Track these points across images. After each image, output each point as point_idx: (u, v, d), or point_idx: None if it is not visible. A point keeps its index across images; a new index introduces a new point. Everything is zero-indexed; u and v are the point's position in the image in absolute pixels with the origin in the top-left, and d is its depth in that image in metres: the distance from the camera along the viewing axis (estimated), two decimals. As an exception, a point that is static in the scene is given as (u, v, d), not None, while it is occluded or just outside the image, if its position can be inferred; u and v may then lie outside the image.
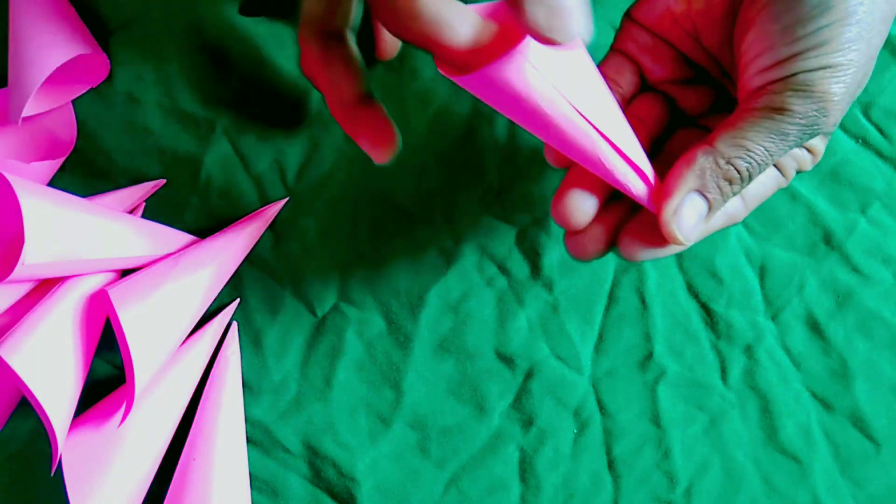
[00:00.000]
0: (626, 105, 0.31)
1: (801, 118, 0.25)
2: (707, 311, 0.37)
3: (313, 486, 0.37)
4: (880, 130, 0.37)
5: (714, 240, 0.37)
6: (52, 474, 0.34)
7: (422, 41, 0.23)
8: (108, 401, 0.35)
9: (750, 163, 0.26)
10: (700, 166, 0.26)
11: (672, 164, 0.27)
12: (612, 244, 0.28)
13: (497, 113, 0.37)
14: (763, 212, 0.37)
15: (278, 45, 0.37)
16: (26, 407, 0.37)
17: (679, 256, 0.37)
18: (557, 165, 0.29)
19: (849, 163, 0.37)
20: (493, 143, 0.37)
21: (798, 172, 0.30)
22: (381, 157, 0.29)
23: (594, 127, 0.25)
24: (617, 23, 0.35)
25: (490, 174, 0.37)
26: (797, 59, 0.25)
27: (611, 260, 0.37)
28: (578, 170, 0.28)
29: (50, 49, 0.34)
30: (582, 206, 0.28)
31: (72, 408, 0.32)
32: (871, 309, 0.37)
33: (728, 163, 0.26)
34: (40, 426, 0.37)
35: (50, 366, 0.31)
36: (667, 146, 0.31)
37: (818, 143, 0.29)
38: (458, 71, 0.24)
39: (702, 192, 0.27)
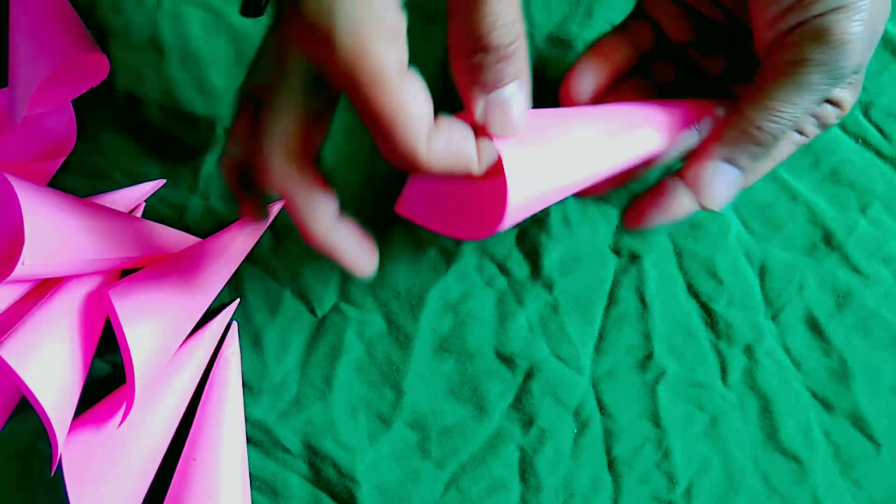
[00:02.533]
0: (643, 64, 0.32)
1: (822, 66, 0.25)
2: (707, 311, 0.37)
3: (313, 486, 0.37)
4: (880, 130, 0.37)
5: (714, 240, 0.37)
6: (52, 474, 0.34)
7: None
8: (108, 401, 0.35)
9: (779, 122, 0.26)
10: (728, 136, 0.27)
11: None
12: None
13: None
14: (763, 212, 0.37)
15: (278, 45, 0.37)
16: (26, 407, 0.37)
17: (679, 256, 0.37)
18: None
19: (849, 163, 0.37)
20: (493, 143, 0.37)
21: (824, 128, 0.29)
22: (365, 272, 0.28)
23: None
24: (617, 22, 0.35)
25: (490, 174, 0.37)
26: (807, 6, 0.25)
27: (611, 260, 0.37)
28: (592, 53, 0.31)
29: (50, 49, 0.34)
30: (585, 86, 0.31)
31: (72, 408, 0.32)
32: (871, 309, 0.37)
33: (758, 128, 0.26)
34: (40, 426, 0.37)
35: (50, 366, 0.31)
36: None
37: (844, 95, 0.28)
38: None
39: (731, 162, 0.27)
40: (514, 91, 0.24)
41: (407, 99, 0.22)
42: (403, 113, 0.22)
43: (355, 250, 0.27)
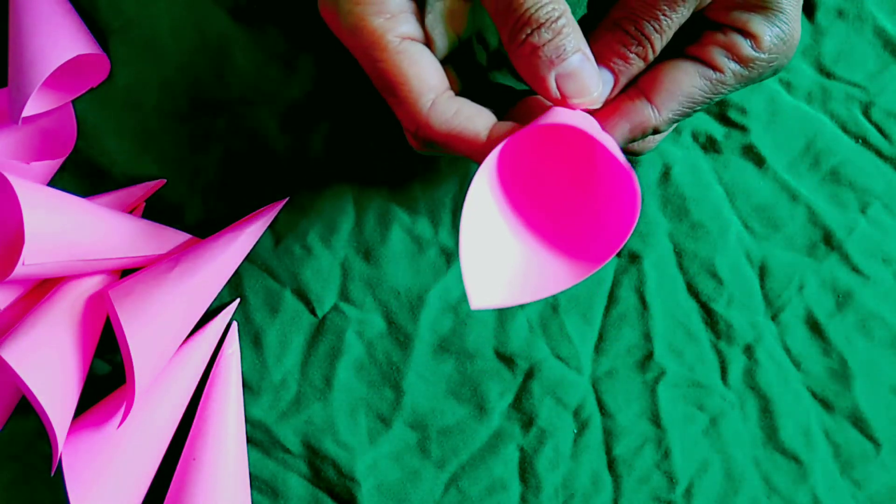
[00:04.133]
0: None
1: None
2: (707, 311, 0.37)
3: (313, 486, 0.37)
4: (880, 130, 0.37)
5: (714, 240, 0.37)
6: (52, 474, 0.34)
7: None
8: (108, 401, 0.35)
9: (636, 22, 0.26)
10: (598, 32, 0.27)
11: None
12: None
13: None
14: (763, 212, 0.37)
15: (278, 45, 0.37)
16: (26, 407, 0.37)
17: (679, 256, 0.37)
18: None
19: (849, 163, 0.37)
20: (493, 143, 0.37)
21: (745, 66, 0.27)
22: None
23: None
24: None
25: (490, 174, 0.37)
26: None
27: (611, 260, 0.37)
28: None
29: (50, 49, 0.34)
30: None
31: (72, 408, 0.32)
32: (871, 309, 0.37)
33: (616, 24, 0.27)
34: (40, 426, 0.37)
35: (50, 366, 0.31)
36: None
37: (761, 28, 0.27)
38: None
39: (606, 67, 0.27)
40: (581, 60, 0.25)
41: (405, 64, 0.25)
42: (402, 75, 0.25)
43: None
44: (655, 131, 0.28)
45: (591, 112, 0.27)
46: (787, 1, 0.27)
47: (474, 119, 0.26)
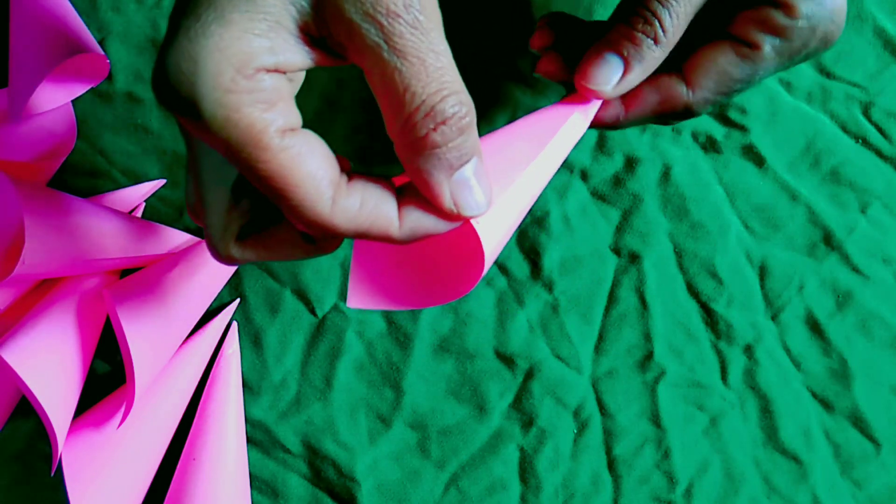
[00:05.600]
0: None
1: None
2: (707, 311, 0.37)
3: (313, 486, 0.37)
4: (880, 130, 0.37)
5: (714, 240, 0.37)
6: (52, 474, 0.34)
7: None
8: (108, 401, 0.35)
9: (643, 1, 0.26)
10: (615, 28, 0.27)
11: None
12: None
13: (498, 113, 0.37)
14: (763, 212, 0.37)
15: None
16: (26, 407, 0.37)
17: (679, 256, 0.37)
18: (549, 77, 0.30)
19: (849, 163, 0.37)
20: (493, 143, 0.37)
21: (782, 37, 0.27)
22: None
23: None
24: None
25: (490, 174, 0.37)
26: None
27: (611, 260, 0.37)
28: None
29: (50, 49, 0.34)
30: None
31: (72, 408, 0.32)
32: (871, 309, 0.37)
33: (627, 8, 0.26)
34: (40, 426, 0.37)
35: (50, 366, 0.31)
36: None
37: None
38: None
39: (615, 52, 0.27)
40: (477, 167, 0.22)
41: (295, 163, 0.20)
42: (293, 176, 0.21)
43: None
44: (689, 110, 0.27)
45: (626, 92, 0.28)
46: None
47: (381, 206, 0.22)
